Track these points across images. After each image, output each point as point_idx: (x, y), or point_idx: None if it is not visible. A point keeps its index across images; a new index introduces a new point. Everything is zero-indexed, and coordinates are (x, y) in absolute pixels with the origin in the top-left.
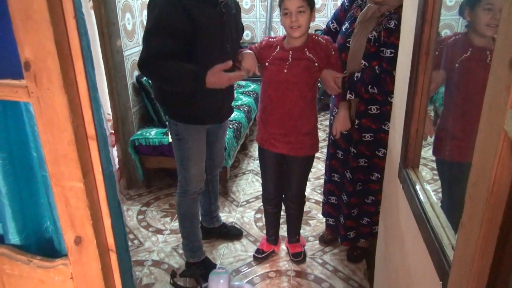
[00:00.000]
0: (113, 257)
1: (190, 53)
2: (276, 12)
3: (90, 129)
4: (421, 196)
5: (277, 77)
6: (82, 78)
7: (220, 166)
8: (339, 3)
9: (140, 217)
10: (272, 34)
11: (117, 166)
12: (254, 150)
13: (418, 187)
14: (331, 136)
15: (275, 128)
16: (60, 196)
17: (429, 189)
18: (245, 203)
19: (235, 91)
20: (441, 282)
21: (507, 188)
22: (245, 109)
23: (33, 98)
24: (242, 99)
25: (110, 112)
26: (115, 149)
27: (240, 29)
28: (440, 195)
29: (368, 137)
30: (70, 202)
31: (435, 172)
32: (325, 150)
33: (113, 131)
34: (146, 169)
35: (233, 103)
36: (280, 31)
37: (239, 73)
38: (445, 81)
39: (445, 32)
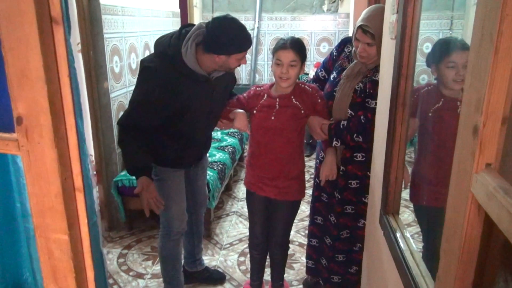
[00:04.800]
0: None
1: (176, 123)
2: (261, 55)
3: (78, 181)
4: (402, 244)
5: (265, 123)
6: (72, 133)
7: (204, 205)
8: (321, 49)
9: (121, 260)
10: (257, 76)
11: (98, 207)
12: (238, 191)
13: (398, 234)
14: (316, 179)
15: (263, 172)
16: (44, 248)
17: (409, 237)
18: (228, 245)
19: (220, 132)
20: None
21: (476, 247)
22: (229, 150)
23: (23, 151)
24: (227, 140)
25: (93, 153)
26: (96, 189)
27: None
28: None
29: (354, 183)
30: (53, 254)
31: None
32: (308, 191)
33: (95, 172)
34: (128, 211)
35: (218, 144)
36: (265, 73)
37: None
38: (418, 129)
39: (422, 78)
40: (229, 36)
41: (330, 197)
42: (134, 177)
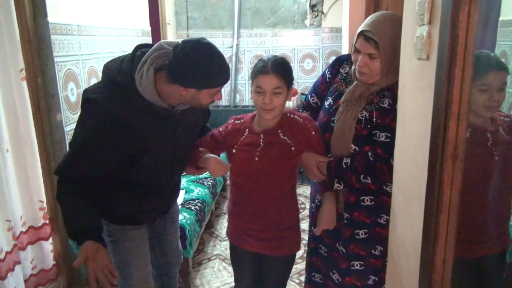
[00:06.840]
0: None
1: (130, 171)
2: (242, 74)
3: None
4: None
5: (247, 166)
6: None
7: (177, 263)
8: (305, 66)
9: None
10: (238, 97)
11: (53, 263)
12: (221, 228)
13: None
14: (312, 228)
15: (248, 223)
16: None
17: None
18: None
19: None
20: None
21: None
22: (209, 183)
23: None
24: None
25: (44, 199)
26: (49, 241)
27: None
28: None
29: (362, 234)
30: None
31: None
32: (303, 225)
33: (47, 221)
34: None
35: (195, 177)
36: (246, 93)
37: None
38: None
39: None
40: (201, 67)
41: (331, 251)
42: None
